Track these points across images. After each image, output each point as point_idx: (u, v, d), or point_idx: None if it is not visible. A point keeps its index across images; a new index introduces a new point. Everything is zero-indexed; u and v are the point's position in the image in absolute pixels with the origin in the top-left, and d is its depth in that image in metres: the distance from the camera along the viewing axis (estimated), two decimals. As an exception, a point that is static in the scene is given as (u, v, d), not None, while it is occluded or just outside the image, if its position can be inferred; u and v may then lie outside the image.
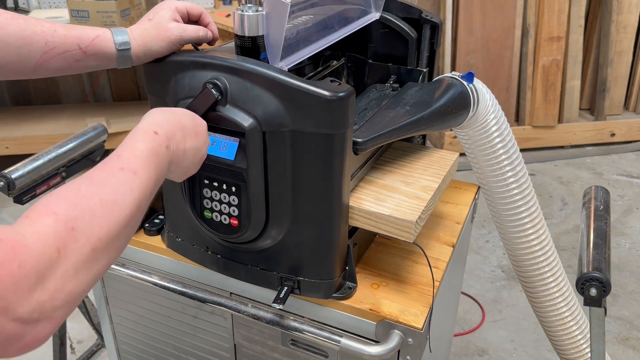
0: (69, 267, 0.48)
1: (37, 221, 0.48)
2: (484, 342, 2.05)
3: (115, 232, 0.54)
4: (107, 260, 0.54)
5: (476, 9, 3.17)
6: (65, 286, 0.48)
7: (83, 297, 0.52)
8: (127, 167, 0.59)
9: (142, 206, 0.59)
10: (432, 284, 0.98)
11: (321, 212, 0.87)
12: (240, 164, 0.84)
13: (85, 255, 0.50)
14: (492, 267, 2.44)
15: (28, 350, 0.47)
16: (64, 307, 0.49)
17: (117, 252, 0.56)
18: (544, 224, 1.20)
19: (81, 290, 0.50)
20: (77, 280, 0.49)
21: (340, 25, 1.06)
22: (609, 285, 0.89)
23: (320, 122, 0.79)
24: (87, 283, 0.51)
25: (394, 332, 0.91)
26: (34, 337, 0.47)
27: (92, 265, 0.51)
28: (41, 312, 0.46)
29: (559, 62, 3.26)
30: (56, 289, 0.47)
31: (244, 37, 0.86)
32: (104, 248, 0.52)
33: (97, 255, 0.51)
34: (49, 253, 0.46)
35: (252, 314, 0.99)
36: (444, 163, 1.08)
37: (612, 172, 3.25)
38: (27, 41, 0.78)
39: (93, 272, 0.52)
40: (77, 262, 0.49)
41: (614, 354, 2.00)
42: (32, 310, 0.45)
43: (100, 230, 0.52)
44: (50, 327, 0.48)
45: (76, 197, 0.52)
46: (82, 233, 0.50)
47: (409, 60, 1.16)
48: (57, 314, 0.48)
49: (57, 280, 0.47)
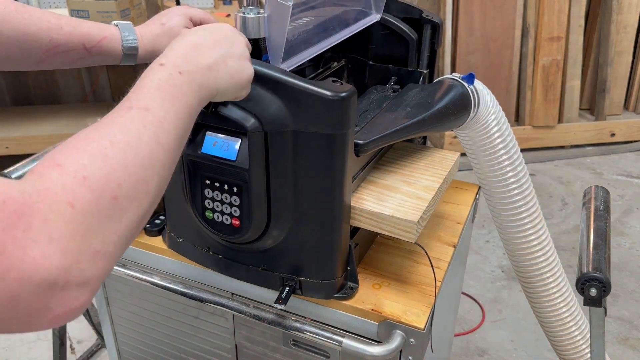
0: (90, 222, 0.42)
1: (44, 175, 0.43)
2: (484, 342, 2.05)
3: (138, 176, 0.47)
4: (137, 209, 0.47)
5: (476, 9, 3.17)
6: (91, 244, 0.42)
7: (118, 254, 0.46)
8: (136, 105, 0.52)
9: (167, 144, 0.52)
10: (434, 284, 0.98)
11: (323, 213, 0.87)
12: (241, 164, 0.84)
13: (106, 206, 0.44)
14: (492, 267, 2.44)
15: (65, 320, 0.43)
16: (96, 268, 0.43)
17: (149, 198, 0.49)
18: (544, 224, 1.21)
19: (113, 246, 0.45)
20: (104, 236, 0.43)
21: (341, 27, 1.06)
22: (609, 285, 0.89)
23: (322, 122, 0.80)
24: (120, 238, 0.45)
25: (395, 333, 0.91)
26: (68, 306, 0.42)
27: (119, 216, 0.45)
28: (67, 276, 0.41)
29: (559, 62, 3.26)
30: (80, 249, 0.42)
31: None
32: (128, 195, 0.46)
33: (121, 204, 0.45)
34: (60, 210, 0.41)
35: (253, 315, 0.99)
36: (445, 163, 1.08)
37: (612, 172, 3.25)
38: (30, 37, 0.76)
39: (123, 225, 0.45)
40: (98, 214, 0.43)
41: (614, 354, 2.00)
42: (53, 276, 0.40)
43: (117, 174, 0.45)
44: (85, 293, 0.43)
45: (84, 143, 0.46)
46: (97, 181, 0.44)
47: (410, 62, 1.17)
48: (90, 277, 0.43)
49: (78, 238, 0.42)
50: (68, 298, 0.42)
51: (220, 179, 0.88)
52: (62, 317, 0.42)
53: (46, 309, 0.41)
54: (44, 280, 0.40)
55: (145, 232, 1.11)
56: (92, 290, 0.43)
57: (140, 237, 1.10)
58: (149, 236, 1.10)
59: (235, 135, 0.83)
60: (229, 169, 0.85)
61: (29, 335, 2.07)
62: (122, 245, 0.46)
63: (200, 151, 0.85)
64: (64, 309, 0.42)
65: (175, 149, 0.54)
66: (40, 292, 0.40)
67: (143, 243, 1.10)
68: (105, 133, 0.48)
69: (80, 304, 0.43)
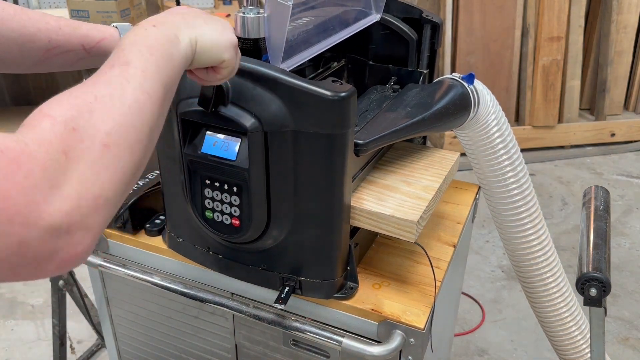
0: (84, 170, 0.45)
1: (36, 126, 0.44)
2: (484, 342, 2.05)
3: (126, 124, 0.49)
4: (131, 156, 0.49)
5: (476, 9, 3.17)
6: (89, 190, 0.45)
7: (118, 199, 0.48)
8: (117, 62, 0.54)
9: (153, 92, 0.54)
10: (434, 284, 0.98)
11: (323, 212, 0.87)
12: (241, 164, 0.84)
13: (98, 154, 0.46)
14: (492, 267, 2.44)
15: (70, 266, 0.45)
16: (96, 213, 0.45)
17: (142, 146, 0.51)
18: (544, 224, 1.21)
19: (111, 192, 0.47)
20: (101, 182, 0.46)
21: (341, 27, 1.06)
22: (609, 285, 0.89)
23: (322, 122, 0.80)
24: (117, 184, 0.47)
25: (395, 332, 0.91)
26: (73, 250, 0.44)
27: (112, 163, 0.47)
28: (70, 220, 0.43)
29: (559, 62, 3.26)
30: (79, 195, 0.44)
31: (245, 39, 0.86)
32: (118, 143, 0.48)
33: (113, 152, 0.47)
34: (55, 158, 0.43)
35: (253, 315, 0.99)
36: (445, 163, 1.08)
37: (612, 172, 3.26)
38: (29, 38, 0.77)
39: (118, 172, 0.47)
40: (91, 162, 0.45)
41: (614, 354, 2.00)
42: (57, 220, 0.42)
43: (105, 124, 0.47)
44: (88, 237, 0.45)
45: (69, 98, 0.48)
46: (85, 131, 0.46)
47: (410, 62, 1.17)
48: (92, 222, 0.45)
49: (75, 185, 0.44)
50: (73, 242, 0.44)
51: (220, 179, 0.88)
52: (68, 262, 0.44)
53: (53, 253, 0.43)
54: (50, 225, 0.42)
55: (146, 232, 1.11)
56: (94, 235, 0.46)
57: (140, 237, 1.10)
58: (149, 236, 1.10)
59: (235, 135, 0.83)
60: (229, 168, 0.85)
61: (29, 335, 2.07)
62: (120, 191, 0.48)
63: (200, 151, 0.86)
64: (69, 254, 0.44)
65: (162, 97, 0.55)
66: (46, 237, 0.42)
67: (143, 243, 1.10)
68: (90, 90, 0.49)
69: (83, 249, 0.45)
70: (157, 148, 0.97)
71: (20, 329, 2.10)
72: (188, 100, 0.84)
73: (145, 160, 0.53)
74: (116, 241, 1.13)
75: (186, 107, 0.84)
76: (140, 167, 0.52)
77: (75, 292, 1.64)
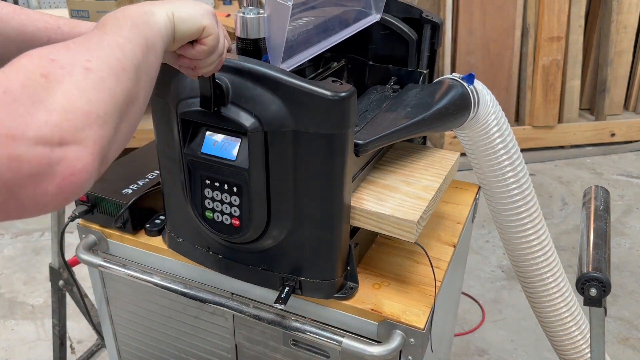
0: (68, 87, 0.45)
1: (13, 63, 0.45)
2: (484, 342, 2.05)
3: (107, 55, 0.50)
4: (115, 81, 0.50)
5: (476, 9, 3.17)
6: (76, 105, 0.45)
7: (113, 122, 0.48)
8: (94, 29, 0.56)
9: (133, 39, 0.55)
10: (434, 284, 0.98)
11: (323, 212, 0.87)
12: (241, 164, 0.84)
13: (81, 76, 0.47)
14: (492, 267, 2.44)
15: (73, 186, 0.45)
16: (90, 128, 0.45)
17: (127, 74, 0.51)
18: (544, 224, 1.21)
19: (102, 110, 0.47)
20: (87, 99, 0.46)
21: (341, 27, 1.06)
22: (609, 285, 0.89)
23: (322, 122, 0.80)
24: (107, 104, 0.48)
25: (395, 332, 0.91)
26: (70, 165, 0.44)
27: (97, 84, 0.47)
28: (60, 133, 0.43)
29: (559, 62, 3.26)
30: (65, 109, 0.44)
31: (245, 39, 0.86)
32: (100, 68, 0.48)
33: (97, 75, 0.48)
34: (34, 79, 0.44)
35: (253, 315, 0.99)
36: (445, 163, 1.08)
37: (612, 172, 3.26)
38: (28, 37, 0.77)
39: (106, 94, 0.48)
40: (75, 82, 0.46)
41: (614, 354, 2.00)
42: (46, 132, 0.42)
43: (83, 55, 0.48)
44: (85, 153, 0.45)
45: (48, 46, 0.49)
46: (65, 60, 0.47)
47: (410, 62, 1.17)
48: (85, 137, 0.45)
49: (60, 99, 0.44)
50: (68, 156, 0.44)
51: (220, 179, 0.88)
52: (69, 181, 0.44)
53: (48, 168, 0.43)
54: (38, 136, 0.42)
55: (146, 232, 1.11)
56: (92, 152, 0.46)
57: (140, 237, 1.10)
58: (149, 236, 1.10)
59: (235, 135, 0.83)
60: (229, 169, 0.85)
61: (29, 335, 2.07)
62: (113, 114, 0.49)
63: (200, 151, 0.86)
64: (68, 170, 0.44)
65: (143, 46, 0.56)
66: (37, 149, 0.42)
67: (143, 243, 1.10)
68: (69, 41, 0.51)
69: (83, 166, 0.45)
70: (157, 148, 0.97)
71: (20, 329, 2.10)
72: (188, 100, 0.84)
73: (137, 99, 0.53)
74: (116, 241, 1.13)
75: (186, 107, 0.84)
76: (134, 102, 0.52)
77: (75, 292, 1.64)
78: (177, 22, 0.65)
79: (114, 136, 0.49)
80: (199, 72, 0.73)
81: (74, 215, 1.12)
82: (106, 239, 1.13)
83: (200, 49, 0.69)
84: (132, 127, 0.54)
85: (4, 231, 2.66)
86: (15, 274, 2.38)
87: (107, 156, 0.49)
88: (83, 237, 1.15)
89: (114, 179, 1.14)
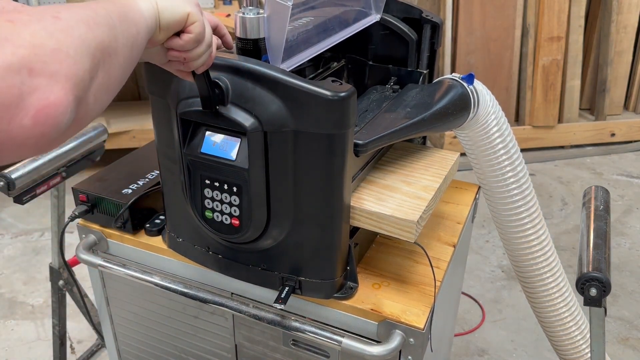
0: (36, 29, 0.45)
1: None
2: (484, 342, 2.05)
3: (75, 10, 0.50)
4: (86, 28, 0.50)
5: (476, 9, 3.17)
6: (45, 43, 0.45)
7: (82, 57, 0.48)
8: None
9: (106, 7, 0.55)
10: (434, 283, 0.98)
11: (322, 212, 0.87)
12: (241, 164, 0.84)
13: (50, 22, 0.47)
14: (492, 267, 2.44)
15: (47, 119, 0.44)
16: (59, 63, 0.46)
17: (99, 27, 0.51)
18: (543, 224, 1.21)
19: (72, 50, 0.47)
20: (56, 40, 0.46)
21: (341, 27, 1.06)
22: (609, 285, 0.89)
23: (322, 122, 0.80)
24: (77, 45, 0.48)
25: (395, 332, 0.91)
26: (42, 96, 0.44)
27: (67, 29, 0.47)
28: (29, 63, 0.43)
29: (559, 62, 3.26)
30: (33, 45, 0.44)
31: (245, 39, 0.86)
32: (69, 17, 0.48)
33: (66, 22, 0.48)
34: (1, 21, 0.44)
35: (253, 314, 0.99)
36: (444, 163, 1.08)
37: (612, 172, 3.26)
38: None
39: (76, 38, 0.48)
40: (43, 26, 0.46)
41: (614, 354, 2.00)
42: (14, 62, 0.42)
43: (52, 9, 0.48)
44: (57, 87, 0.45)
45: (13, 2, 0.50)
46: (32, 10, 0.47)
47: (409, 62, 1.17)
48: (55, 70, 0.45)
49: (27, 37, 0.44)
50: (39, 89, 0.44)
51: (220, 179, 0.88)
52: (43, 112, 0.44)
53: (21, 98, 0.43)
54: (5, 65, 0.42)
55: (145, 232, 1.11)
56: (64, 87, 0.45)
57: (140, 237, 1.10)
58: (149, 236, 1.10)
59: (234, 135, 0.83)
60: (229, 169, 0.85)
61: (29, 335, 2.07)
62: (82, 53, 0.48)
63: (200, 151, 0.86)
64: (40, 101, 0.44)
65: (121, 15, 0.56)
66: (6, 78, 0.42)
67: (143, 243, 1.10)
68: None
69: (56, 99, 0.45)
70: (157, 148, 0.97)
71: (20, 329, 2.10)
72: (188, 100, 0.84)
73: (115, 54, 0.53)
74: (116, 241, 1.13)
75: (186, 107, 0.84)
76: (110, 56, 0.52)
77: (75, 292, 1.64)
78: (162, 10, 0.65)
79: (90, 81, 0.49)
80: (190, 66, 0.72)
81: (74, 215, 1.12)
82: (106, 239, 1.13)
83: (188, 37, 0.69)
84: (111, 80, 0.54)
85: (4, 231, 2.66)
86: (15, 274, 2.38)
87: (85, 98, 0.49)
88: (83, 237, 1.15)
89: (114, 179, 1.14)
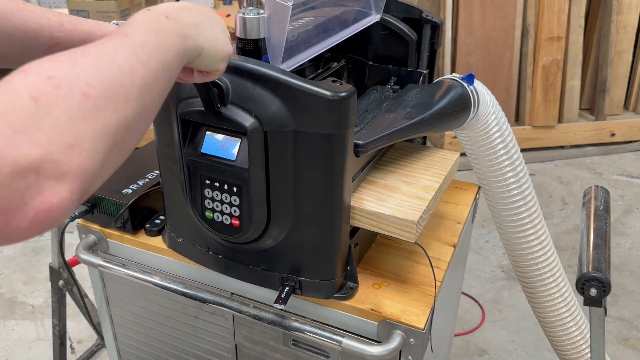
0: (58, 116, 0.41)
1: (7, 81, 0.41)
2: (484, 342, 2.05)
3: (112, 78, 0.46)
4: (114, 111, 0.46)
5: (476, 9, 3.17)
6: (62, 137, 0.41)
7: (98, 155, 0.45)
8: (116, 34, 0.51)
9: (148, 63, 0.50)
10: (434, 284, 0.98)
11: (323, 212, 0.87)
12: (241, 164, 0.84)
13: (76, 102, 0.43)
14: (492, 267, 2.44)
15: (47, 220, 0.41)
16: (72, 161, 0.42)
17: (129, 106, 0.47)
18: (543, 224, 1.21)
19: (89, 144, 0.44)
20: (76, 132, 0.42)
21: (341, 28, 1.06)
22: (609, 285, 0.89)
23: (322, 122, 0.80)
24: (97, 137, 0.44)
25: (395, 332, 0.91)
26: (46, 200, 0.41)
27: (91, 114, 0.44)
28: (39, 167, 0.40)
29: (559, 62, 3.26)
30: (49, 141, 0.40)
31: (245, 39, 0.86)
32: (102, 95, 0.45)
33: (94, 103, 0.44)
34: (20, 103, 0.40)
35: (253, 315, 0.99)
36: (445, 163, 1.08)
37: (612, 172, 3.26)
38: (31, 34, 0.76)
39: (99, 125, 0.44)
40: (67, 110, 0.42)
41: (614, 354, 2.00)
42: (23, 165, 0.39)
43: (87, 75, 0.44)
44: (63, 188, 0.41)
45: (55, 55, 0.45)
46: (64, 80, 0.43)
47: (409, 62, 1.17)
48: (65, 171, 0.42)
49: (46, 131, 0.40)
50: (45, 191, 0.41)
51: (220, 179, 0.88)
52: (44, 215, 0.41)
53: (22, 202, 0.40)
54: (13, 168, 0.39)
55: (145, 232, 1.11)
56: (70, 187, 0.42)
57: (140, 237, 1.10)
58: (149, 236, 1.10)
59: (235, 135, 0.83)
60: (229, 169, 0.85)
61: (29, 335, 2.07)
62: (100, 144, 0.45)
63: (200, 151, 0.86)
64: (43, 205, 0.41)
65: (159, 73, 0.52)
66: (12, 183, 0.39)
67: (143, 243, 1.10)
68: (80, 50, 0.47)
69: (59, 200, 0.42)
70: (157, 148, 0.97)
71: (20, 329, 2.10)
72: (188, 100, 0.84)
73: (134, 125, 0.49)
74: (116, 241, 1.13)
75: (186, 107, 0.84)
76: (127, 127, 0.48)
77: (75, 292, 1.64)
78: (201, 58, 0.63)
79: (100, 169, 0.46)
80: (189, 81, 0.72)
81: (74, 215, 1.12)
82: (106, 239, 1.13)
83: (201, 77, 0.69)
84: (124, 156, 0.50)
85: (4, 231, 2.66)
86: (15, 274, 2.38)
87: (90, 188, 0.46)
88: (83, 237, 1.15)
89: (114, 179, 1.14)
